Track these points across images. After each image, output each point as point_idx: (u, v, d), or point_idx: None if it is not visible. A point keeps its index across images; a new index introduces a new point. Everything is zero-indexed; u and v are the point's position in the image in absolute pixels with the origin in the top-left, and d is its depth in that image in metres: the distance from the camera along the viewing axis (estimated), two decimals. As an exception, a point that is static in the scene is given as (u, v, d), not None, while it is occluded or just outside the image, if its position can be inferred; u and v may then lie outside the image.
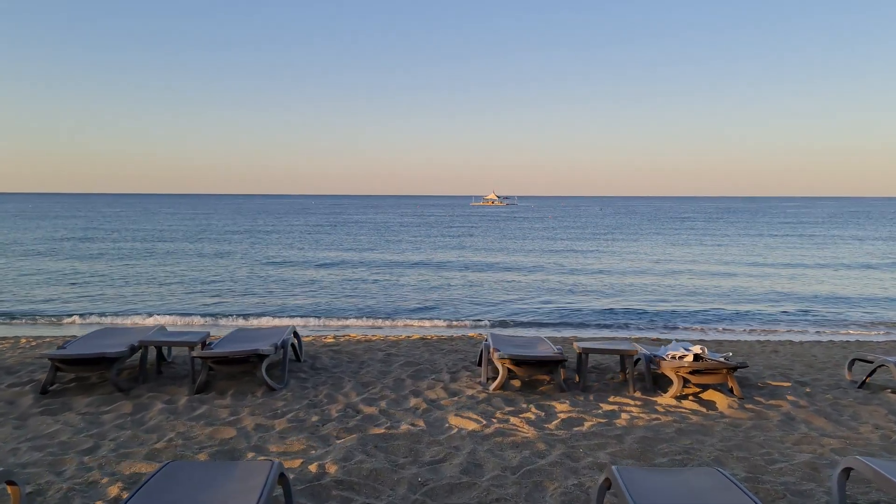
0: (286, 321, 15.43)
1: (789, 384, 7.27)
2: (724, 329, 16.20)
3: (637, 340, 13.30)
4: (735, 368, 6.24)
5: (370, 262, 29.36)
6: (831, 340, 14.60)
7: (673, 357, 6.63)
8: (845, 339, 15.03)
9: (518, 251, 35.85)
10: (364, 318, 16.21)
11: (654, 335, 14.72)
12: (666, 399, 6.39)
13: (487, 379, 7.09)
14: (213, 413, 5.95)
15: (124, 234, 45.04)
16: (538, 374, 6.58)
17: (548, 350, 7.06)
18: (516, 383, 7.03)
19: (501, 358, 6.45)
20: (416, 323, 15.91)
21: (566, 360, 6.47)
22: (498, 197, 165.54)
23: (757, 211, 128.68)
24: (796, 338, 15.79)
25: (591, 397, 6.51)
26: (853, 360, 7.85)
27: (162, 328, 7.97)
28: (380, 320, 16.14)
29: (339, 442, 5.21)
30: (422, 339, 11.48)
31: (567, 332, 15.20)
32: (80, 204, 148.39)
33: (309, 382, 7.04)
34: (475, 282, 23.27)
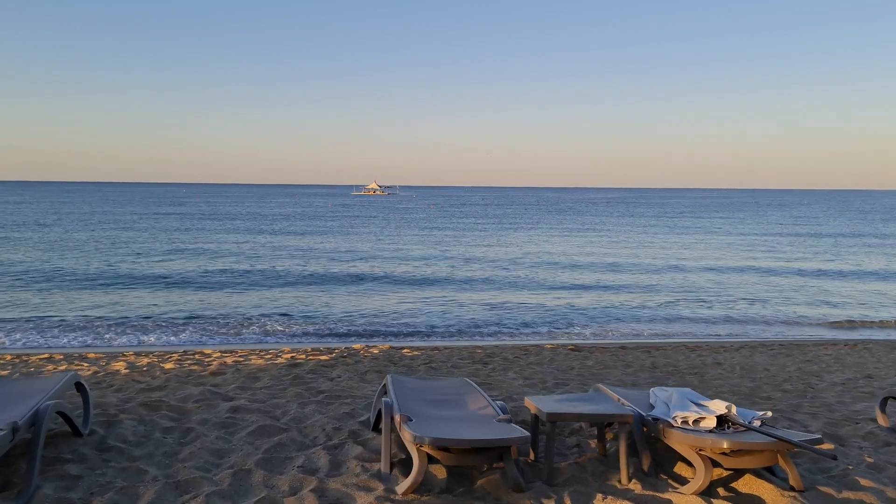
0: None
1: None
2: (626, 333, 14.38)
3: (555, 353, 10.98)
4: (794, 446, 3.80)
5: (239, 260, 25.82)
6: (763, 343, 12.97)
7: (685, 421, 4.14)
8: (776, 341, 13.48)
9: (403, 245, 33.24)
10: (224, 329, 13.03)
11: (562, 340, 12.48)
12: (687, 498, 3.87)
13: (391, 468, 4.30)
14: None
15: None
16: (476, 461, 3.89)
17: (487, 413, 4.40)
18: (438, 471, 4.29)
19: (419, 443, 3.69)
20: (290, 328, 12.87)
21: (527, 439, 3.81)
22: (379, 186, 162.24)
23: (634, 201, 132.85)
24: (718, 338, 14.19)
25: (567, 499, 3.89)
26: (886, 399, 5.76)
27: None
28: (243, 329, 13.02)
29: None
30: (291, 364, 8.55)
31: (463, 340, 12.70)
32: None
33: (79, 487, 3.97)
34: (359, 282, 20.39)
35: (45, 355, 10.38)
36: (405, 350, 10.81)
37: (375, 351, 10.53)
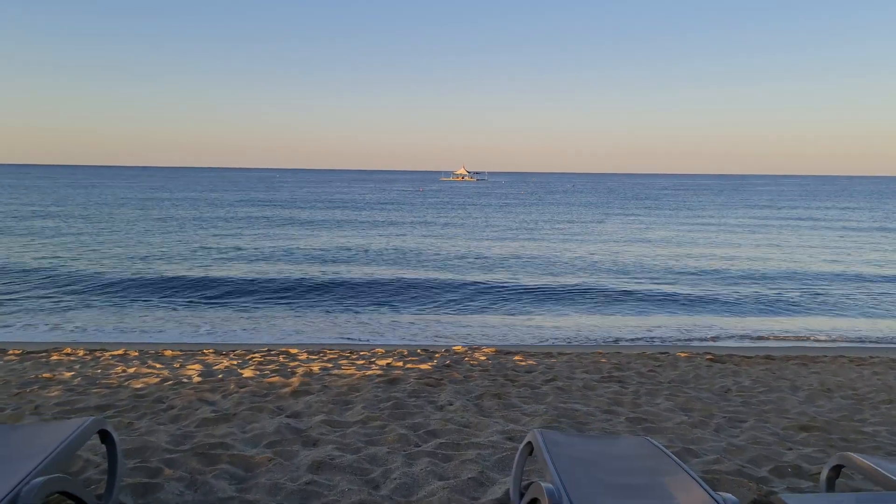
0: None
1: None
2: (758, 337, 12.27)
3: (693, 364, 9.05)
4: None
5: (331, 251, 24.86)
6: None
7: None
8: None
9: (496, 239, 31.58)
10: (314, 323, 11.79)
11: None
12: None
13: None
14: None
15: None
16: None
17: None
18: None
19: None
20: (382, 325, 11.41)
21: None
22: (468, 172, 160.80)
23: (729, 188, 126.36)
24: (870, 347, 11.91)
25: None
26: None
27: None
28: (334, 324, 11.72)
29: None
30: (387, 379, 7.00)
31: (575, 344, 10.89)
32: None
33: None
34: (458, 281, 18.84)
35: (120, 351, 9.41)
36: (516, 357, 9.20)
37: (481, 357, 8.97)
